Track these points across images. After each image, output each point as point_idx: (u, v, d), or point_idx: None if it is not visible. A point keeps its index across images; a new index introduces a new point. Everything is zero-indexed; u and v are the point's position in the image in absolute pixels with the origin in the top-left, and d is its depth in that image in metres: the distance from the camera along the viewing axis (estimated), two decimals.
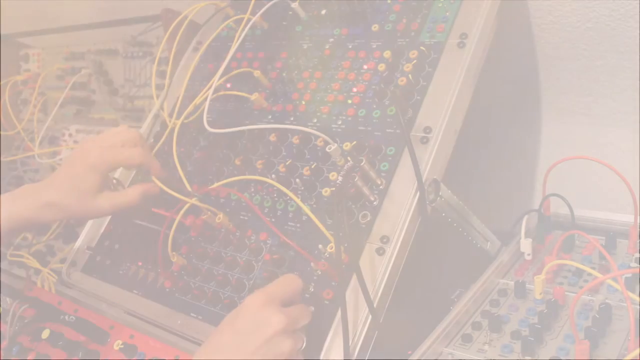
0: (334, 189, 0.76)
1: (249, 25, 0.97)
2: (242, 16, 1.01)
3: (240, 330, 0.64)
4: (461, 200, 0.82)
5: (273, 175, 0.86)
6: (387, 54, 0.87)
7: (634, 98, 1.02)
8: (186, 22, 1.08)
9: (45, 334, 0.81)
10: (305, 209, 0.78)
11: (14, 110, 1.61)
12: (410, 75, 0.83)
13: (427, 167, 0.76)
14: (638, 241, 0.78)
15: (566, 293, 0.70)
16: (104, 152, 0.85)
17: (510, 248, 0.83)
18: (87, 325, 0.83)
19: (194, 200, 0.86)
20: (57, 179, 0.85)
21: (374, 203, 0.77)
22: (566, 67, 1.04)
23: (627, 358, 0.54)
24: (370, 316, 0.69)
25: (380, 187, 0.77)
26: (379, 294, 0.71)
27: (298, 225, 0.82)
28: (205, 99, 0.92)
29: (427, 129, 0.78)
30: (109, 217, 1.01)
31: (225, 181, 0.89)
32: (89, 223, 1.02)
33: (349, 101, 0.88)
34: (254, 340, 0.63)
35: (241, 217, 0.87)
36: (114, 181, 0.98)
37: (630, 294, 0.59)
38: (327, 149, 0.79)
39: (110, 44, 1.44)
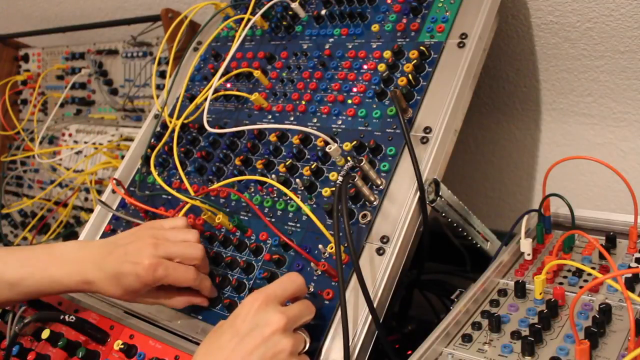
0: (334, 189, 0.76)
1: (249, 25, 0.97)
2: (242, 16, 1.02)
3: (238, 330, 0.64)
4: (461, 201, 0.82)
5: (273, 175, 0.86)
6: (387, 54, 0.87)
7: (634, 98, 1.02)
8: (186, 22, 1.09)
9: (45, 334, 0.81)
10: (305, 208, 0.79)
11: (14, 110, 1.61)
12: (410, 75, 0.83)
13: (427, 167, 0.76)
14: (638, 241, 0.78)
15: (566, 293, 0.70)
16: (159, 267, 0.74)
17: (510, 248, 0.82)
18: (87, 325, 0.83)
19: (195, 201, 0.86)
20: (108, 262, 0.76)
21: (374, 203, 0.77)
22: (566, 67, 1.04)
23: (627, 358, 0.54)
24: (370, 316, 0.69)
25: (380, 187, 0.77)
26: (379, 294, 0.71)
27: (298, 225, 0.82)
28: (205, 99, 0.92)
29: (427, 129, 0.78)
30: (109, 216, 1.02)
31: (225, 181, 0.89)
32: (89, 223, 1.02)
33: (349, 101, 0.88)
34: (251, 340, 0.62)
35: (241, 217, 0.87)
36: (114, 182, 0.98)
37: (630, 294, 0.59)
38: (327, 149, 0.79)
39: (110, 44, 1.44)
